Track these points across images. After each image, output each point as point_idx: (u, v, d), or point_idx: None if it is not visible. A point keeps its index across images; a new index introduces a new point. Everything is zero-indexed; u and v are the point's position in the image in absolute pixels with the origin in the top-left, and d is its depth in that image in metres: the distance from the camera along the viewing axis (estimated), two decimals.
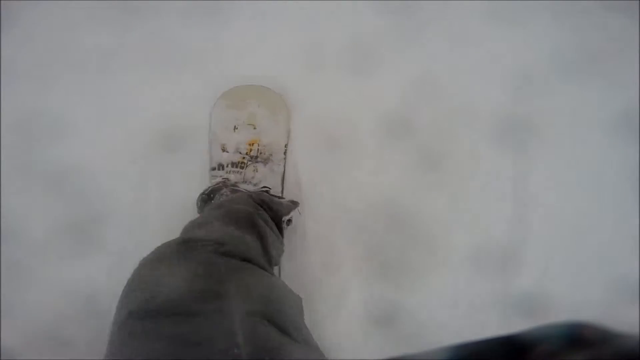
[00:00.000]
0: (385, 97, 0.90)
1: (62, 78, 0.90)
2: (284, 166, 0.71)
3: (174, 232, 0.82)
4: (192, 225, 0.58)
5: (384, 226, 0.85)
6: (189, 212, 0.83)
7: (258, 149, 0.70)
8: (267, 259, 0.55)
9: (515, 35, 0.92)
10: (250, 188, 0.68)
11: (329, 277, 0.83)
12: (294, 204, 0.67)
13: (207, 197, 0.67)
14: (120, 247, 0.81)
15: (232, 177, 0.68)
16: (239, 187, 0.67)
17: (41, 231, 0.80)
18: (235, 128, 0.71)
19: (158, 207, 0.84)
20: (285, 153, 0.72)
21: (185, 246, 0.52)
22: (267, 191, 0.68)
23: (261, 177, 0.70)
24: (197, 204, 0.70)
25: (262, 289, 0.47)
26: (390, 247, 0.84)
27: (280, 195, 0.70)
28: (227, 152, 0.70)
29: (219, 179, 0.69)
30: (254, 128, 0.71)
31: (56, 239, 0.79)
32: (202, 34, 0.92)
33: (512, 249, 0.82)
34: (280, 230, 0.63)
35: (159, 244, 0.57)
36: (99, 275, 0.79)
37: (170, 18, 0.92)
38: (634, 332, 0.25)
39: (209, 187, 0.68)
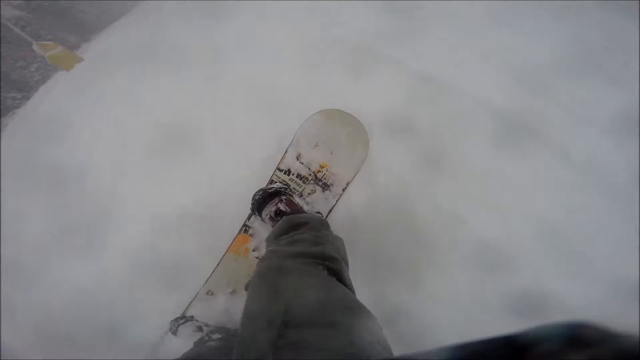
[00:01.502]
0: (385, 97, 0.90)
1: (63, 78, 0.90)
2: (337, 201, 0.75)
3: (174, 231, 0.82)
4: (307, 241, 0.62)
5: (384, 226, 0.85)
6: (189, 212, 0.83)
7: (324, 174, 0.74)
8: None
9: (515, 35, 0.92)
10: (301, 203, 0.73)
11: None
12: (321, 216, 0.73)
13: (268, 197, 0.72)
14: (120, 247, 0.81)
15: (293, 186, 0.73)
16: (294, 198, 0.72)
17: (41, 231, 0.80)
18: (316, 145, 0.75)
19: (158, 207, 0.84)
20: (344, 190, 0.76)
21: (306, 261, 0.57)
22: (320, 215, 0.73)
23: (314, 199, 0.74)
24: (254, 198, 0.73)
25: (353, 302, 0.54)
26: (391, 247, 0.84)
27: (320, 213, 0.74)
28: (301, 163, 0.74)
29: (279, 184, 0.73)
30: (331, 153, 0.75)
31: (56, 239, 0.79)
32: (203, 33, 0.92)
33: (512, 249, 0.82)
34: None
35: (158, 243, 0.56)
36: (98, 275, 0.79)
37: (170, 18, 0.92)
38: (634, 332, 0.25)
39: (273, 187, 0.73)
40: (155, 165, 0.86)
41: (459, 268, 0.82)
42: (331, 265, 0.57)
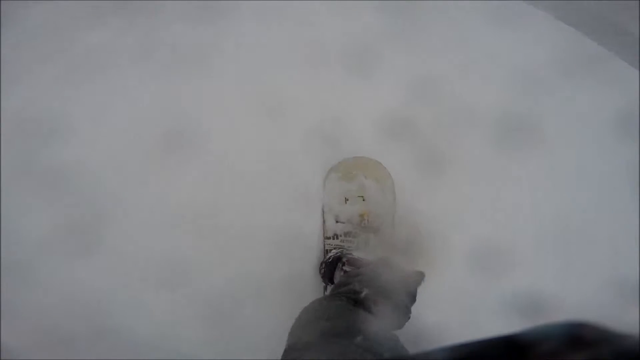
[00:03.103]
0: (385, 98, 0.90)
1: (62, 78, 0.90)
2: (394, 235, 0.77)
3: (174, 231, 0.82)
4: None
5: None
6: (189, 211, 0.83)
7: (368, 220, 0.75)
8: None
9: (515, 35, 0.92)
10: (362, 254, 0.74)
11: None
12: (421, 275, 0.69)
13: (332, 266, 0.74)
14: (120, 247, 0.81)
15: (346, 245, 0.74)
16: (353, 255, 0.73)
17: (41, 231, 0.80)
18: (346, 200, 0.76)
19: (158, 207, 0.84)
20: (394, 223, 0.77)
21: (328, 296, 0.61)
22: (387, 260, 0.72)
23: (373, 245, 0.75)
24: (321, 271, 0.76)
25: None
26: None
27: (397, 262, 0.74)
28: (342, 222, 0.75)
29: (336, 250, 0.74)
30: (363, 200, 0.76)
31: (56, 239, 0.79)
32: (203, 33, 0.92)
33: (512, 249, 0.82)
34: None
35: (159, 243, 0.57)
36: (99, 275, 0.79)
37: (170, 18, 0.92)
38: (634, 332, 0.25)
39: (330, 255, 0.74)
40: (155, 165, 0.86)
41: (459, 268, 0.82)
42: (352, 296, 0.58)
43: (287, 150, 0.88)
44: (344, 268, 0.72)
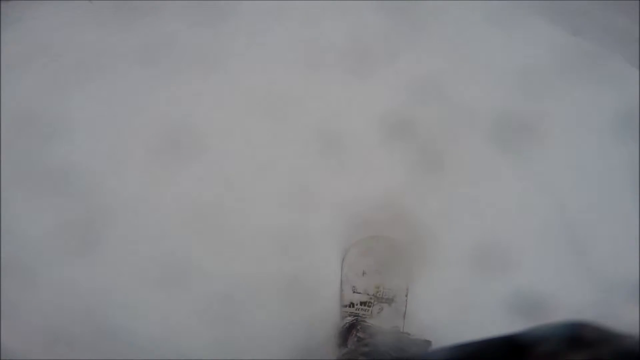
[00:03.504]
0: (384, 97, 0.90)
1: (62, 78, 0.90)
2: (406, 306, 0.82)
3: (174, 231, 0.82)
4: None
5: (384, 226, 0.85)
6: (189, 211, 0.83)
7: (383, 291, 0.82)
8: None
9: (515, 35, 0.92)
10: (376, 323, 0.80)
11: (329, 276, 0.83)
12: (427, 343, 0.75)
13: (346, 332, 0.79)
14: (120, 248, 0.81)
15: (361, 313, 0.80)
16: (368, 322, 0.79)
17: (41, 231, 0.80)
18: (364, 273, 0.83)
19: (159, 207, 0.84)
20: (407, 295, 0.83)
21: None
22: (398, 330, 0.80)
23: (385, 315, 0.81)
24: (337, 336, 0.81)
25: None
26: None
27: (407, 332, 0.80)
28: (358, 293, 0.82)
29: (351, 318, 0.81)
30: (380, 273, 0.83)
31: (56, 239, 0.79)
32: (203, 33, 0.92)
33: (511, 249, 0.82)
34: None
35: (159, 243, 0.56)
36: (99, 275, 0.79)
37: (170, 18, 0.92)
38: (634, 332, 0.25)
39: (347, 322, 0.80)
40: (155, 165, 0.86)
41: (459, 268, 0.82)
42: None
43: (287, 150, 0.88)
44: (359, 335, 0.76)
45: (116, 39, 0.92)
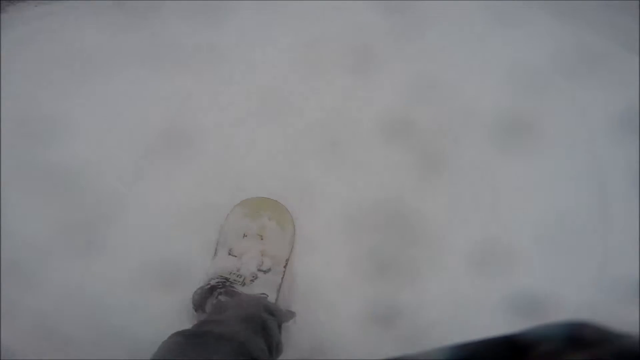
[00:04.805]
0: (384, 97, 0.90)
1: (62, 78, 0.90)
2: (282, 278, 0.77)
3: (174, 231, 0.82)
4: (210, 321, 0.63)
5: (384, 226, 0.85)
6: (190, 211, 0.83)
7: (261, 259, 0.76)
8: None
9: (515, 35, 0.92)
10: (247, 291, 0.73)
11: (329, 276, 0.83)
12: (292, 314, 0.74)
13: (207, 293, 0.72)
14: (120, 248, 0.81)
15: (232, 278, 0.73)
16: (236, 289, 0.72)
17: (41, 231, 0.80)
18: (244, 235, 0.77)
19: (158, 207, 0.84)
20: (285, 267, 0.77)
21: (204, 339, 0.57)
22: (265, 298, 0.73)
23: (258, 284, 0.74)
24: (194, 297, 0.74)
25: None
26: (390, 247, 0.84)
27: (274, 303, 0.75)
28: (234, 256, 0.76)
29: (219, 279, 0.73)
30: (261, 239, 0.77)
31: (56, 239, 0.79)
32: (203, 33, 0.92)
33: (511, 249, 0.82)
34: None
35: (159, 243, 0.57)
36: (99, 275, 0.79)
37: (171, 18, 0.92)
38: (634, 332, 0.25)
39: (209, 284, 0.73)
40: (155, 165, 0.86)
41: (459, 268, 0.82)
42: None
43: (287, 149, 0.88)
44: (220, 298, 0.70)
45: (116, 39, 0.92)
